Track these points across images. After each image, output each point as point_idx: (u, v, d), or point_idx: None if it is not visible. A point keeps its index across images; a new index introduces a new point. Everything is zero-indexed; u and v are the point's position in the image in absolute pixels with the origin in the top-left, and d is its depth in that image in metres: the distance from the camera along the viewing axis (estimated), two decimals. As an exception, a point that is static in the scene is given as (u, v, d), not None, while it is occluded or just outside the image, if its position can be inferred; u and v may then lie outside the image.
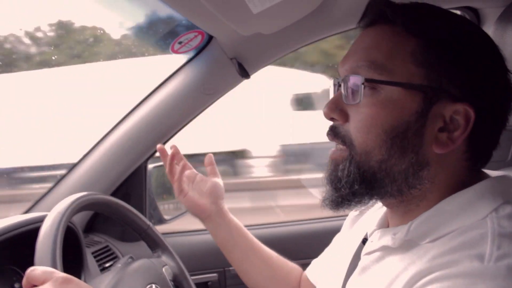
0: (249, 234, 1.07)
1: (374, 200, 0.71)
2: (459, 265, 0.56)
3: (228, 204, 1.08)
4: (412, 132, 0.65)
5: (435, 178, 0.67)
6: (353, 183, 0.67)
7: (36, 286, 0.64)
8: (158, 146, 1.06)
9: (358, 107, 0.67)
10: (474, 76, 0.64)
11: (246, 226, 1.55)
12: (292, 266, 1.09)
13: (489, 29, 0.94)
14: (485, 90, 0.65)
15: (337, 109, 0.70)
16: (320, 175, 0.75)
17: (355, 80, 0.67)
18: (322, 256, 1.01)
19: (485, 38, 0.69)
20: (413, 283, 0.59)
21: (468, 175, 0.68)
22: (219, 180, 1.08)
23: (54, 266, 0.74)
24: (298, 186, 5.28)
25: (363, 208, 0.73)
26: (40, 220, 0.84)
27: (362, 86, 0.66)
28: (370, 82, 0.66)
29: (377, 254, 0.71)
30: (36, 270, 0.65)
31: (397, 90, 0.65)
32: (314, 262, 1.03)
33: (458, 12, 1.38)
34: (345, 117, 0.69)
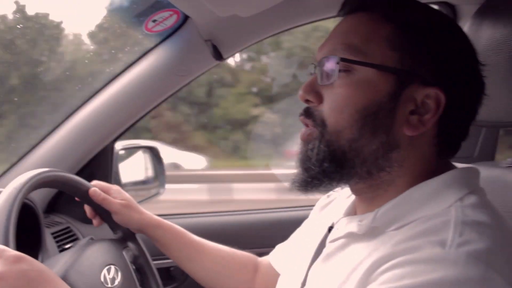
0: (189, 234, 1.06)
1: (343, 182, 0.71)
2: (421, 250, 0.57)
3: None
4: (384, 113, 0.66)
5: (404, 161, 0.68)
6: (323, 161, 0.68)
7: None
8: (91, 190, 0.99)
9: (332, 88, 0.69)
10: (446, 63, 0.67)
11: (210, 212, 1.54)
12: (247, 256, 1.08)
13: (465, 25, 0.95)
14: (456, 77, 0.67)
15: (312, 91, 0.71)
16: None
17: (330, 60, 0.69)
18: (287, 242, 1.00)
19: (458, 30, 0.72)
20: (375, 268, 0.59)
21: (437, 164, 0.69)
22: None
23: (6, 243, 0.70)
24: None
25: (330, 191, 0.73)
26: None
27: (337, 65, 0.68)
28: (344, 62, 0.67)
29: (342, 241, 0.71)
30: None
31: (371, 71, 0.67)
32: (279, 246, 1.02)
33: (436, 7, 1.40)
34: (320, 99, 0.71)
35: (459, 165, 0.73)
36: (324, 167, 0.68)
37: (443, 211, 0.63)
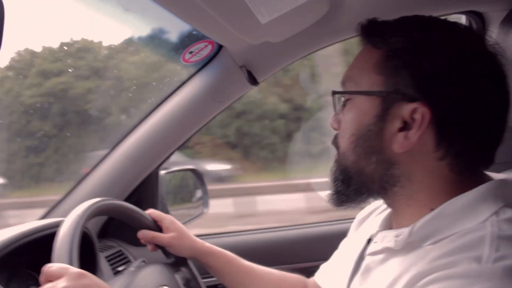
0: (239, 259, 1.10)
1: (365, 197, 0.77)
2: (458, 266, 0.58)
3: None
4: (372, 134, 0.72)
5: (411, 176, 0.71)
6: (337, 180, 0.77)
7: (52, 281, 0.67)
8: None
9: (342, 116, 0.78)
10: (428, 76, 0.68)
11: (250, 230, 1.54)
12: (296, 277, 1.10)
13: (494, 32, 0.95)
14: (443, 89, 0.67)
15: (336, 120, 0.80)
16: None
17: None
18: (330, 260, 1.02)
19: (457, 40, 0.71)
20: (414, 283, 0.61)
21: (461, 177, 0.69)
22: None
23: (70, 263, 0.76)
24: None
25: (361, 205, 0.79)
26: (56, 225, 0.87)
27: (336, 97, 0.79)
28: (337, 93, 0.78)
29: (381, 256, 0.73)
30: (52, 266, 0.68)
31: (361, 98, 0.74)
32: (323, 266, 1.04)
33: (463, 17, 1.40)
34: (339, 126, 0.79)
35: (495, 175, 0.73)
36: (338, 185, 0.77)
37: (478, 225, 0.63)
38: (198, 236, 1.59)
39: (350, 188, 0.75)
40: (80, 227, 0.83)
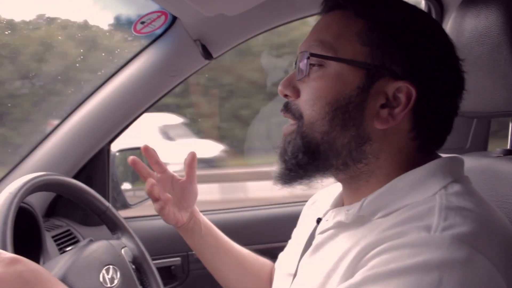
0: (220, 233, 1.05)
1: (320, 174, 0.73)
2: (407, 236, 0.58)
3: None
4: (353, 106, 0.68)
5: (379, 153, 0.69)
6: (297, 153, 0.71)
7: None
8: (130, 159, 0.96)
9: (307, 82, 0.71)
10: (417, 57, 0.68)
11: (211, 210, 1.53)
12: (263, 261, 1.09)
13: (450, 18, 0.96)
14: (428, 71, 0.68)
15: (290, 86, 0.74)
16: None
17: (304, 56, 0.71)
18: (286, 248, 1.00)
19: (433, 25, 0.73)
20: (363, 255, 0.61)
21: (419, 155, 0.70)
22: (195, 186, 1.02)
23: (3, 247, 0.72)
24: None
25: (312, 183, 0.74)
26: None
27: (308, 60, 0.70)
28: (314, 57, 0.70)
29: (331, 231, 0.73)
30: None
31: (341, 66, 0.69)
32: (280, 255, 1.01)
33: (423, 2, 1.41)
34: (297, 93, 0.73)
35: (444, 155, 0.74)
36: (299, 158, 0.71)
37: (427, 198, 0.64)
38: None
39: (313, 163, 0.71)
40: (14, 206, 0.78)
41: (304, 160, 0.71)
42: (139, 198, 1.58)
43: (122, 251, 0.99)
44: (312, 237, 0.78)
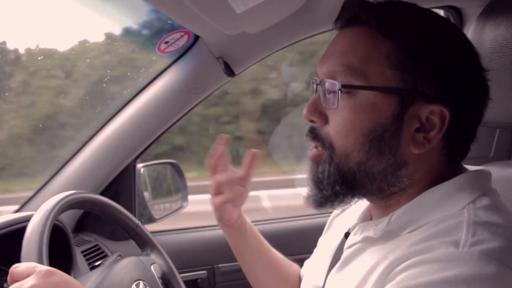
0: (260, 235, 1.05)
1: (356, 199, 0.73)
2: (435, 250, 0.58)
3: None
4: (389, 134, 0.66)
5: (414, 175, 0.69)
6: (334, 184, 0.69)
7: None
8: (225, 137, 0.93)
9: (336, 110, 0.68)
10: (448, 77, 0.65)
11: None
12: (295, 267, 1.09)
13: (470, 28, 0.96)
14: (460, 90, 0.66)
15: (316, 112, 0.71)
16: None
17: (332, 85, 0.68)
18: (311, 256, 1.01)
19: (460, 36, 0.70)
20: (392, 269, 0.61)
21: (447, 169, 0.70)
22: (250, 185, 0.98)
23: (40, 261, 0.75)
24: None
25: (345, 206, 0.74)
26: (28, 219, 0.84)
27: (339, 91, 0.67)
28: (346, 88, 0.67)
29: (359, 245, 0.73)
30: (19, 267, 0.66)
31: (374, 94, 0.66)
32: (306, 262, 1.04)
33: (441, 12, 1.41)
34: (324, 120, 0.71)
35: (471, 167, 0.74)
36: (336, 189, 0.69)
37: (456, 213, 0.64)
38: (195, 228, 1.57)
39: (350, 192, 0.69)
40: (50, 222, 0.81)
41: (343, 191, 0.70)
42: (164, 212, 1.61)
43: (152, 267, 1.01)
44: (340, 251, 0.78)
